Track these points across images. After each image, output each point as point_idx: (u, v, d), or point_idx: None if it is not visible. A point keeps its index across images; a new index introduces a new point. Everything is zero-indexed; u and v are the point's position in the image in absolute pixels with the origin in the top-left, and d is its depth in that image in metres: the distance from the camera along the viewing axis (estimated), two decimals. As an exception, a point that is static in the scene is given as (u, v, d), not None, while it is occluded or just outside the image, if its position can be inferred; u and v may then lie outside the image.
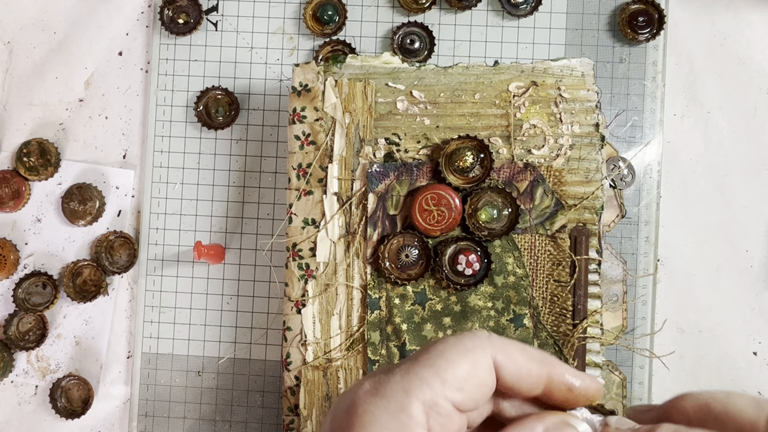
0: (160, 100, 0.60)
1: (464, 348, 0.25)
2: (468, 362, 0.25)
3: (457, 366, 0.25)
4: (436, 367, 0.25)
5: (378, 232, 0.50)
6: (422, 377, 0.25)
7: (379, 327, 0.49)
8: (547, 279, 0.49)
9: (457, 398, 0.25)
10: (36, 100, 0.61)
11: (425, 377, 0.25)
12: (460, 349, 0.25)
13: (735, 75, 0.59)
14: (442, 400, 0.24)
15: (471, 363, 0.25)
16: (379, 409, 0.24)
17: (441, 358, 0.25)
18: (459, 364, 0.25)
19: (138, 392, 0.59)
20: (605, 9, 0.59)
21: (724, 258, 0.58)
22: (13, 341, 0.59)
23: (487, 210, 0.49)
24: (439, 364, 0.25)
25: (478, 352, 0.25)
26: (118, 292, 0.60)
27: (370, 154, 0.50)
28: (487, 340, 0.26)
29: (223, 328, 0.59)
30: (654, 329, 0.57)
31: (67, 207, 0.60)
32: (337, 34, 0.59)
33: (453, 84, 0.50)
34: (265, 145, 0.60)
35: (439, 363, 0.25)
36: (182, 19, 0.59)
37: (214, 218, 0.60)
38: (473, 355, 0.25)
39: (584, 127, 0.50)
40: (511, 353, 0.26)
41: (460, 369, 0.25)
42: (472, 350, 0.25)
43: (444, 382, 0.25)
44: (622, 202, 0.56)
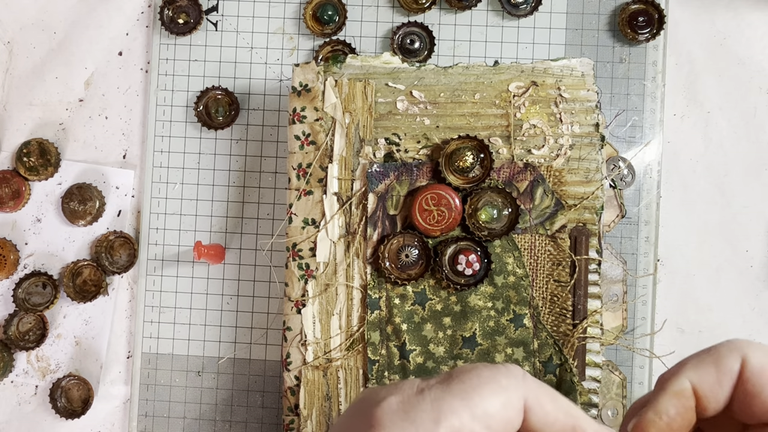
0: (160, 100, 0.60)
1: (499, 386, 0.25)
2: (500, 401, 0.25)
3: (488, 403, 0.25)
4: (468, 400, 0.25)
5: (378, 232, 0.50)
6: (453, 408, 0.24)
7: (379, 327, 0.49)
8: (547, 279, 0.49)
9: None
10: (36, 100, 0.61)
11: (456, 409, 0.24)
12: (494, 386, 0.25)
13: (735, 75, 0.59)
14: (467, 430, 0.24)
15: (503, 403, 0.25)
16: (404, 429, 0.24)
17: (474, 392, 0.25)
18: (491, 401, 0.25)
19: (138, 392, 0.59)
20: (605, 9, 0.59)
21: (724, 258, 0.58)
22: (13, 341, 0.59)
23: (487, 210, 0.49)
24: (471, 398, 0.25)
25: (511, 392, 0.25)
26: (118, 292, 0.60)
27: (370, 154, 0.50)
28: (522, 380, 0.26)
29: (223, 328, 0.59)
30: (654, 329, 0.57)
31: (67, 207, 0.60)
32: (337, 34, 0.59)
33: (453, 84, 0.50)
34: (265, 145, 0.60)
35: (472, 396, 0.25)
36: (182, 19, 0.60)
37: (214, 218, 0.60)
38: (507, 395, 0.25)
39: (584, 127, 0.50)
40: (542, 399, 0.26)
41: (492, 406, 0.25)
42: (506, 389, 0.25)
43: (474, 417, 0.24)
44: (622, 202, 0.56)
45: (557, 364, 0.48)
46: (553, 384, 0.48)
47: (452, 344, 0.49)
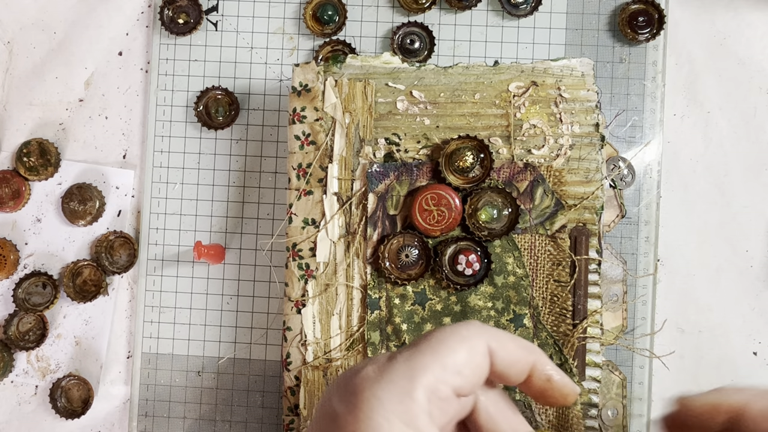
0: (160, 100, 0.60)
1: (461, 336, 0.27)
2: (466, 348, 0.27)
3: (456, 352, 0.26)
4: (437, 353, 0.26)
5: (378, 232, 0.50)
6: (425, 364, 0.26)
7: (379, 327, 0.49)
8: (547, 279, 0.49)
9: (456, 382, 0.26)
10: (36, 100, 0.61)
11: (427, 364, 0.26)
12: (457, 338, 0.27)
13: (735, 75, 0.59)
14: (442, 384, 0.26)
15: (468, 349, 0.27)
16: (385, 393, 0.25)
17: (442, 345, 0.26)
18: (458, 350, 0.26)
19: (138, 392, 0.59)
20: (605, 9, 0.59)
21: (724, 258, 0.58)
22: (13, 341, 0.59)
23: (487, 210, 0.49)
24: (439, 351, 0.26)
25: (474, 339, 0.27)
26: (118, 292, 0.60)
27: (370, 154, 0.50)
28: (482, 328, 0.28)
29: (223, 328, 0.59)
30: (654, 329, 0.57)
31: (67, 207, 0.60)
32: (337, 34, 0.59)
33: (453, 84, 0.50)
34: (265, 145, 0.60)
35: (440, 350, 0.26)
36: (182, 19, 0.60)
37: (214, 218, 0.60)
38: (470, 342, 0.27)
39: (584, 127, 0.50)
40: (503, 341, 0.28)
41: (459, 355, 0.26)
42: (469, 338, 0.27)
43: (445, 368, 0.26)
44: (622, 202, 0.57)
45: (557, 364, 0.48)
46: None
47: None
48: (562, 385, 0.29)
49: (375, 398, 0.25)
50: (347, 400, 0.26)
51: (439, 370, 0.26)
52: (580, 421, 0.48)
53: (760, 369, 0.57)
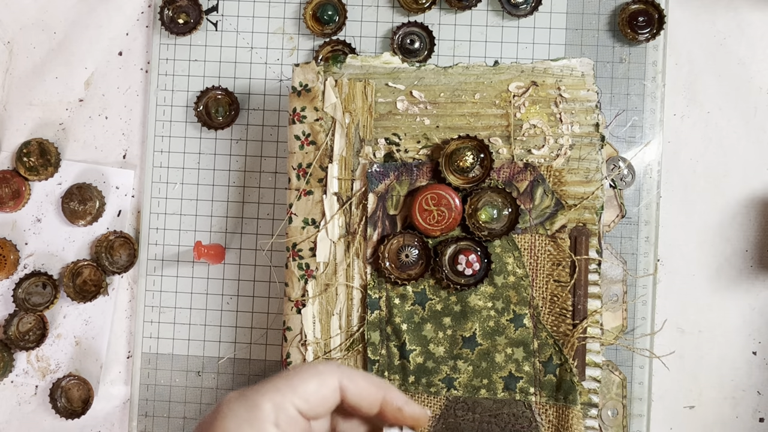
0: (160, 100, 0.60)
1: (316, 371, 0.32)
2: (316, 381, 0.32)
3: (307, 384, 0.31)
4: (289, 380, 0.31)
5: (378, 232, 0.50)
6: (277, 386, 0.31)
7: (379, 327, 0.49)
8: (547, 279, 0.49)
9: (302, 406, 0.31)
10: (36, 100, 0.61)
11: (279, 386, 0.31)
12: (312, 372, 0.32)
13: (735, 75, 0.59)
14: (289, 404, 0.31)
15: (318, 382, 0.32)
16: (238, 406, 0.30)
17: (296, 376, 0.32)
18: (309, 382, 0.32)
19: (138, 392, 0.59)
20: (605, 9, 0.59)
21: (724, 258, 0.58)
22: (13, 341, 0.59)
23: (487, 210, 0.49)
24: (293, 379, 0.32)
25: (326, 375, 0.32)
26: (118, 292, 0.60)
27: (370, 154, 0.50)
28: (337, 368, 0.33)
29: (223, 328, 0.59)
30: (654, 329, 0.57)
31: (67, 207, 0.60)
32: (337, 34, 0.59)
33: (453, 84, 0.50)
34: (265, 145, 0.60)
35: (293, 378, 0.32)
36: (182, 19, 0.60)
37: (214, 218, 0.60)
38: (322, 377, 0.32)
39: (584, 127, 0.50)
40: (355, 378, 0.33)
41: (309, 385, 0.31)
42: (321, 373, 0.32)
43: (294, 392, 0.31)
44: (622, 202, 0.57)
45: (557, 364, 0.48)
46: (553, 384, 0.48)
47: (452, 344, 0.49)
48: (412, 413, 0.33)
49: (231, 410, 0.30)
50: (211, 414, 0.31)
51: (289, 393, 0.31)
52: (580, 421, 0.48)
53: (760, 369, 0.57)
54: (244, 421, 0.30)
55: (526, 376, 0.48)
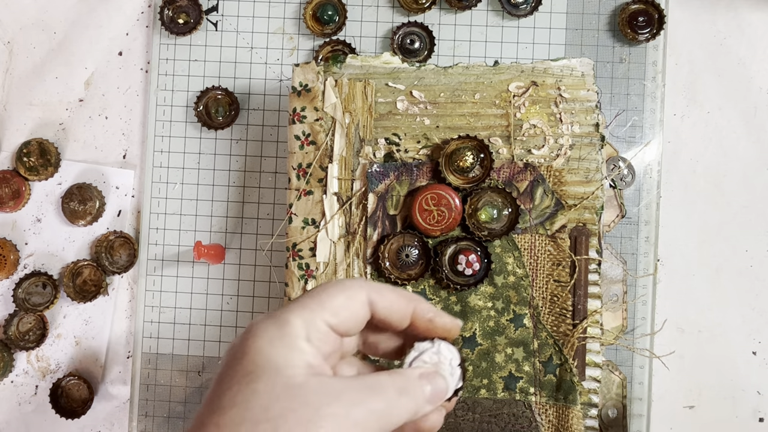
0: (160, 100, 0.60)
1: (343, 287, 0.32)
2: (344, 296, 0.31)
3: (335, 299, 0.31)
4: (317, 297, 0.31)
5: (378, 232, 0.50)
6: (305, 304, 0.31)
7: (379, 327, 0.49)
8: (547, 279, 0.49)
9: (332, 321, 0.31)
10: (36, 100, 0.61)
11: (307, 303, 0.31)
12: (339, 287, 0.32)
13: (735, 75, 0.59)
14: (319, 320, 0.30)
15: (347, 297, 0.31)
16: (268, 324, 0.30)
17: (324, 292, 0.31)
18: (337, 297, 0.31)
19: (138, 392, 0.59)
20: (605, 9, 0.59)
21: (724, 258, 0.58)
22: (13, 341, 0.59)
23: (487, 210, 0.49)
24: (320, 295, 0.31)
25: (354, 289, 0.32)
26: (118, 292, 0.60)
27: (370, 154, 0.50)
28: (365, 282, 0.33)
29: (223, 328, 0.59)
30: (654, 329, 0.57)
31: (67, 207, 0.60)
32: (337, 34, 0.59)
33: (453, 84, 0.50)
34: (265, 145, 0.60)
35: (321, 294, 0.31)
36: (182, 19, 0.59)
37: (214, 218, 0.60)
38: (350, 292, 0.32)
39: (584, 127, 0.50)
40: (384, 292, 0.32)
41: (337, 300, 0.31)
42: (349, 287, 0.32)
43: (323, 308, 0.31)
44: (622, 202, 0.57)
45: (557, 364, 0.48)
46: (553, 384, 0.48)
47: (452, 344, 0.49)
48: (443, 323, 0.33)
49: (261, 329, 0.30)
50: (243, 335, 0.31)
51: (318, 309, 0.30)
52: (580, 421, 0.48)
53: (760, 368, 0.57)
54: (276, 338, 0.29)
55: (526, 376, 0.48)
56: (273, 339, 0.29)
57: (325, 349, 0.31)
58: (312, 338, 0.30)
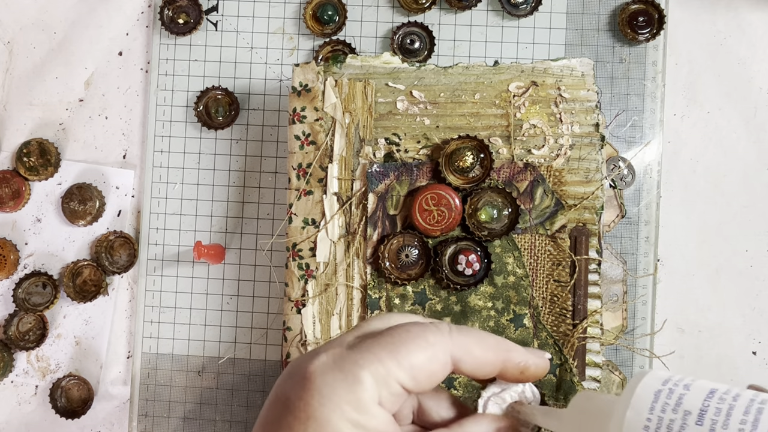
0: (160, 100, 0.60)
1: (426, 342, 0.27)
2: (426, 355, 0.27)
3: (415, 356, 0.27)
4: (395, 352, 0.27)
5: (378, 232, 0.50)
6: (380, 357, 0.26)
7: (379, 327, 0.49)
8: (547, 279, 0.49)
9: (408, 383, 0.27)
10: (36, 100, 0.61)
11: (383, 358, 0.26)
12: (421, 342, 0.27)
13: (735, 75, 0.59)
14: (393, 381, 0.26)
15: (429, 357, 0.27)
16: (336, 380, 0.26)
17: (403, 345, 0.27)
18: (417, 355, 0.27)
19: (138, 392, 0.59)
20: (605, 9, 0.59)
21: (724, 258, 0.58)
22: (13, 341, 0.59)
23: (487, 210, 0.49)
24: (399, 350, 0.27)
25: (438, 348, 0.27)
26: (118, 292, 0.60)
27: (370, 154, 0.50)
28: (449, 336, 0.28)
29: (223, 328, 0.59)
30: (654, 329, 0.57)
31: (67, 207, 0.60)
32: (337, 34, 0.59)
33: (453, 84, 0.50)
34: (265, 145, 0.60)
35: (399, 349, 0.27)
36: (182, 19, 0.60)
37: (214, 218, 0.60)
38: (433, 350, 0.27)
39: (584, 127, 0.50)
40: (470, 348, 0.28)
41: (417, 359, 0.27)
42: (432, 345, 0.27)
43: (400, 366, 0.26)
44: (622, 202, 0.56)
45: (557, 364, 0.48)
46: (553, 384, 0.48)
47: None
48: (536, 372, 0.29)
49: (327, 385, 0.26)
50: (301, 385, 0.26)
51: (394, 366, 0.26)
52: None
53: (760, 368, 0.57)
54: (345, 402, 0.25)
55: (526, 376, 0.48)
56: (342, 404, 0.25)
57: (394, 410, 0.27)
58: (384, 401, 0.26)
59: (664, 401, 0.23)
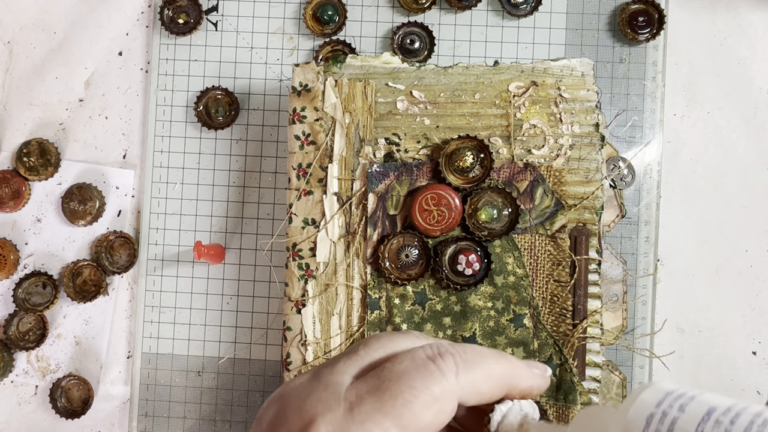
0: (160, 100, 0.60)
1: (432, 398, 0.25)
2: (433, 412, 0.25)
3: (421, 417, 0.25)
4: (399, 418, 0.25)
5: (378, 232, 0.50)
6: (384, 408, 0.25)
7: (379, 327, 0.49)
8: (547, 279, 0.49)
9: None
10: (36, 100, 0.61)
11: (387, 409, 0.25)
12: (427, 399, 0.25)
13: (735, 75, 0.59)
14: None
15: (436, 412, 0.25)
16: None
17: (407, 409, 0.25)
18: (423, 414, 0.25)
19: (138, 392, 0.59)
20: (605, 9, 0.59)
21: (724, 258, 0.58)
22: (13, 341, 0.59)
23: (487, 210, 0.49)
24: (403, 416, 0.25)
25: (444, 400, 0.26)
26: (118, 292, 0.60)
27: (370, 154, 0.50)
28: (455, 381, 0.26)
29: (223, 328, 0.59)
30: (654, 329, 0.57)
31: (67, 207, 0.60)
32: (337, 34, 0.59)
33: (453, 84, 0.50)
34: (265, 145, 0.60)
35: (404, 414, 0.25)
36: (182, 19, 0.60)
37: (214, 218, 0.60)
38: (439, 405, 0.25)
39: (584, 127, 0.50)
40: (477, 387, 0.26)
41: (424, 419, 0.25)
42: (439, 399, 0.25)
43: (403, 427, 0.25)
44: (622, 202, 0.57)
45: (557, 364, 0.48)
46: (553, 384, 0.48)
47: None
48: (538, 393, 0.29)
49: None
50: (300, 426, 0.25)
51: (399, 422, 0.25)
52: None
53: (759, 368, 0.57)
54: None
55: (526, 376, 0.48)
56: None
57: None
58: None
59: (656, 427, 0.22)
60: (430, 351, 0.27)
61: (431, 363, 0.26)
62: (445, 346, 0.28)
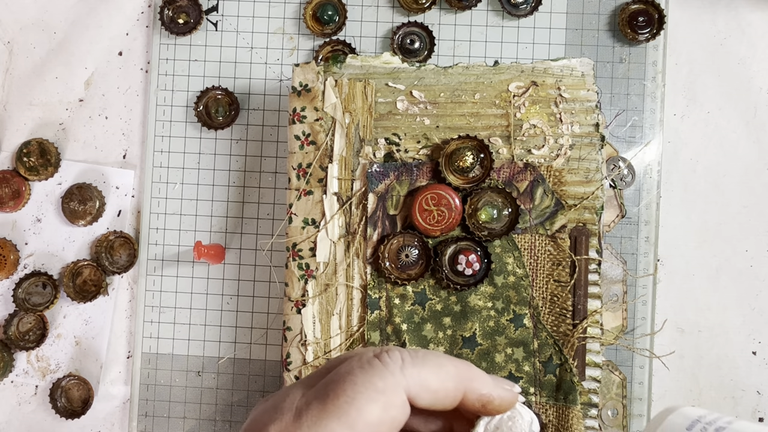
0: (160, 100, 0.60)
1: (375, 392, 0.25)
2: (379, 407, 0.25)
3: (367, 413, 0.24)
4: (345, 417, 0.24)
5: (378, 232, 0.50)
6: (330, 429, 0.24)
7: (379, 327, 0.49)
8: (547, 279, 0.49)
9: None
10: (36, 100, 0.61)
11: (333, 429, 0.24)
12: (371, 393, 0.25)
13: (735, 75, 0.59)
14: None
15: (383, 407, 0.25)
16: None
17: (351, 406, 0.24)
18: (370, 410, 0.24)
19: (138, 392, 0.59)
20: (605, 9, 0.59)
21: (724, 258, 0.58)
22: (13, 341, 0.59)
23: (487, 210, 0.49)
24: (349, 413, 0.24)
25: (389, 392, 0.25)
26: (118, 292, 0.60)
27: (370, 154, 0.50)
28: (399, 373, 0.25)
29: (223, 328, 0.59)
30: (654, 329, 0.57)
31: (67, 207, 0.60)
32: (337, 34, 0.59)
33: (453, 84, 0.50)
34: (265, 145, 0.60)
35: (349, 412, 0.24)
36: (182, 19, 0.59)
37: (214, 218, 0.60)
38: (385, 398, 0.25)
39: (584, 127, 0.50)
40: (426, 381, 0.26)
41: (372, 415, 0.24)
42: (383, 392, 0.25)
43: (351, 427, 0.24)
44: (622, 202, 0.57)
45: (557, 364, 0.48)
46: (553, 384, 0.48)
47: (452, 344, 0.49)
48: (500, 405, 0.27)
49: None
50: None
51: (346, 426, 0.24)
52: (580, 421, 0.48)
53: (759, 368, 0.57)
54: None
55: (526, 376, 0.48)
56: None
57: None
58: None
59: None
60: (378, 349, 0.27)
61: (375, 359, 0.26)
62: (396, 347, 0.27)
